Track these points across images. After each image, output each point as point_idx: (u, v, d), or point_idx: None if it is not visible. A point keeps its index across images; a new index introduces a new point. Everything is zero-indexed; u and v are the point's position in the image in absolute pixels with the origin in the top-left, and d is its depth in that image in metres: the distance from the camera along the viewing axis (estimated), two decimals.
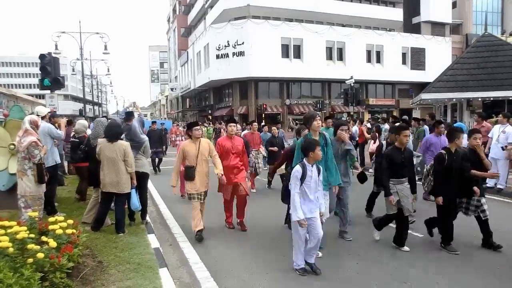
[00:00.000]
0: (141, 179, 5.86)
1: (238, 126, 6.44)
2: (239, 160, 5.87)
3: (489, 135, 8.34)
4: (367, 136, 11.45)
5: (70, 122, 9.79)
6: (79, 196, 7.44)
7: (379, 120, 14.38)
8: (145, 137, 6.31)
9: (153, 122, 13.69)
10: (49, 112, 6.96)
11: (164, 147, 14.57)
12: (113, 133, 5.31)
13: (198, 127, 5.44)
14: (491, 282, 3.90)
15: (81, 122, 7.38)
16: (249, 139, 8.65)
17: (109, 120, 6.31)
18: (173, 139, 24.20)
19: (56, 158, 6.45)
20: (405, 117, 11.79)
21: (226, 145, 5.86)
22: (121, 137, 5.57)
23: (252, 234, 5.68)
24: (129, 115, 6.27)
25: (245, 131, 11.70)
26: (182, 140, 24.99)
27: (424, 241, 5.18)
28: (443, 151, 4.86)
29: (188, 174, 5.34)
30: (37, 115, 5.85)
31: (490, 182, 8.29)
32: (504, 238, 4.96)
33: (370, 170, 11.47)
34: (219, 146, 5.86)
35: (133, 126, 6.09)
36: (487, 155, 8.12)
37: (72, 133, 7.68)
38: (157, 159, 12.69)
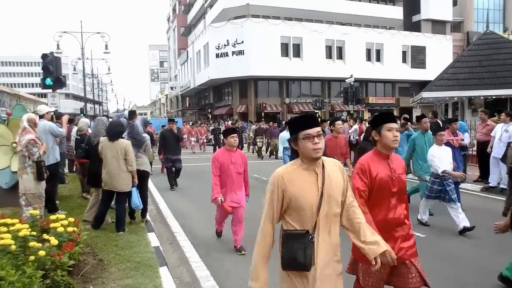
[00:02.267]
0: (141, 178, 5.88)
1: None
2: (405, 206, 2.72)
3: (492, 134, 8.27)
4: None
5: (71, 121, 9.83)
6: (84, 191, 7.56)
7: None
8: (146, 136, 6.40)
9: (171, 120, 10.27)
10: (51, 112, 6.99)
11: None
12: (114, 132, 5.33)
13: (318, 129, 2.08)
14: (496, 284, 3.86)
15: (84, 120, 7.51)
16: (331, 146, 5.91)
17: (111, 119, 6.39)
18: (186, 139, 21.36)
19: (57, 156, 6.48)
20: (406, 115, 11.74)
21: (380, 173, 2.62)
22: (123, 135, 5.59)
23: (253, 233, 5.68)
24: (131, 114, 6.35)
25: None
26: (198, 141, 21.89)
27: (426, 241, 5.18)
28: None
29: (294, 254, 2.01)
30: (36, 114, 5.88)
31: (492, 182, 8.25)
32: (508, 239, 4.95)
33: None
34: (363, 176, 2.62)
35: (136, 125, 6.16)
36: (489, 155, 8.12)
37: (74, 130, 7.83)
38: (173, 169, 9.61)
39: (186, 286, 3.93)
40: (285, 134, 9.15)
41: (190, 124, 26.30)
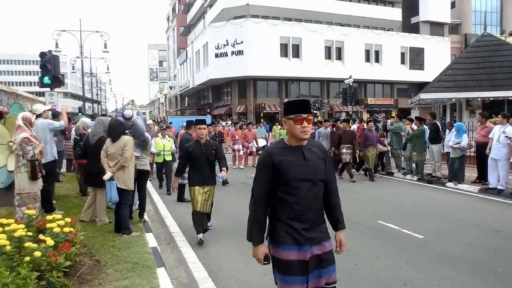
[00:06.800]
0: (142, 177, 5.87)
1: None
2: None
3: (490, 135, 8.30)
4: None
5: (69, 120, 9.81)
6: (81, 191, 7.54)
7: (379, 119, 14.36)
8: (148, 136, 6.37)
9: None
10: (49, 110, 6.95)
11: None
12: (116, 133, 5.22)
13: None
14: (494, 285, 3.87)
15: (83, 120, 7.45)
16: None
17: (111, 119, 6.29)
18: (230, 145, 13.69)
19: (54, 153, 6.44)
20: (410, 116, 11.81)
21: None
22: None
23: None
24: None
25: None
26: (244, 148, 13.04)
27: (424, 243, 5.17)
28: None
29: None
30: (33, 113, 5.84)
31: (490, 183, 8.27)
32: (506, 240, 4.95)
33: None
34: None
35: (137, 124, 6.08)
36: (487, 156, 8.15)
37: (74, 130, 7.82)
38: None
39: (184, 287, 3.90)
40: None
41: (229, 124, 15.94)
